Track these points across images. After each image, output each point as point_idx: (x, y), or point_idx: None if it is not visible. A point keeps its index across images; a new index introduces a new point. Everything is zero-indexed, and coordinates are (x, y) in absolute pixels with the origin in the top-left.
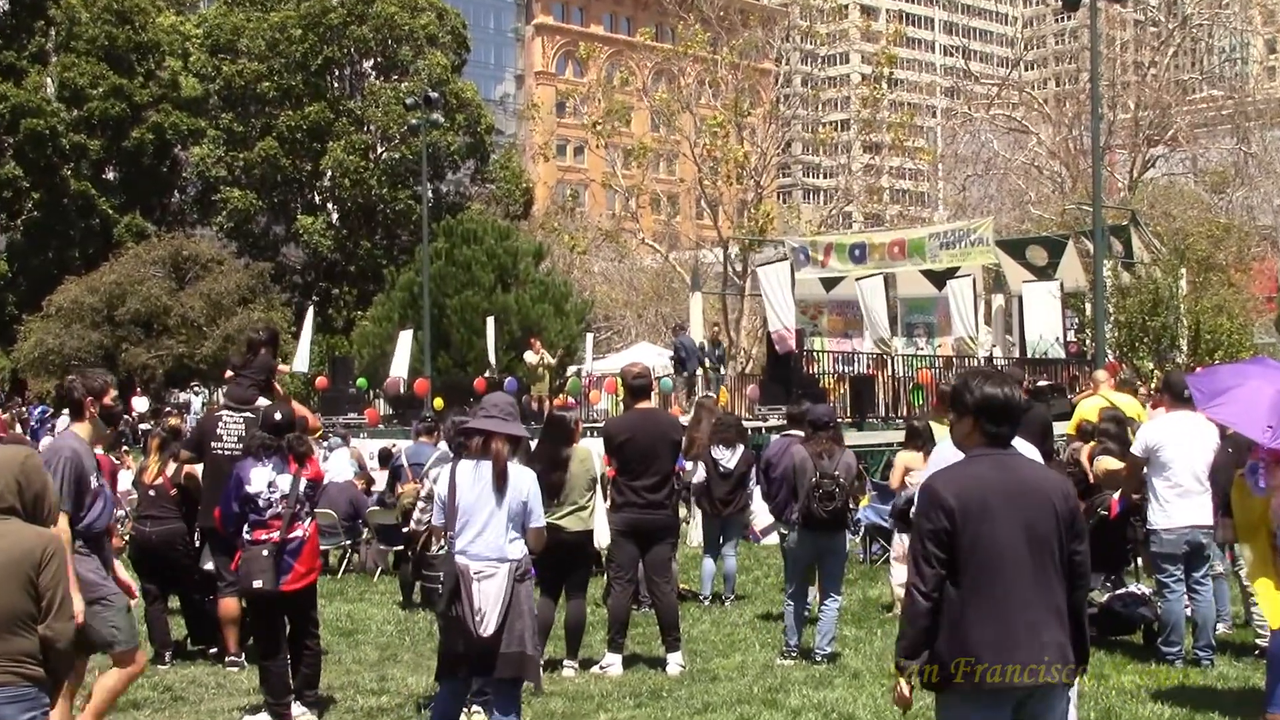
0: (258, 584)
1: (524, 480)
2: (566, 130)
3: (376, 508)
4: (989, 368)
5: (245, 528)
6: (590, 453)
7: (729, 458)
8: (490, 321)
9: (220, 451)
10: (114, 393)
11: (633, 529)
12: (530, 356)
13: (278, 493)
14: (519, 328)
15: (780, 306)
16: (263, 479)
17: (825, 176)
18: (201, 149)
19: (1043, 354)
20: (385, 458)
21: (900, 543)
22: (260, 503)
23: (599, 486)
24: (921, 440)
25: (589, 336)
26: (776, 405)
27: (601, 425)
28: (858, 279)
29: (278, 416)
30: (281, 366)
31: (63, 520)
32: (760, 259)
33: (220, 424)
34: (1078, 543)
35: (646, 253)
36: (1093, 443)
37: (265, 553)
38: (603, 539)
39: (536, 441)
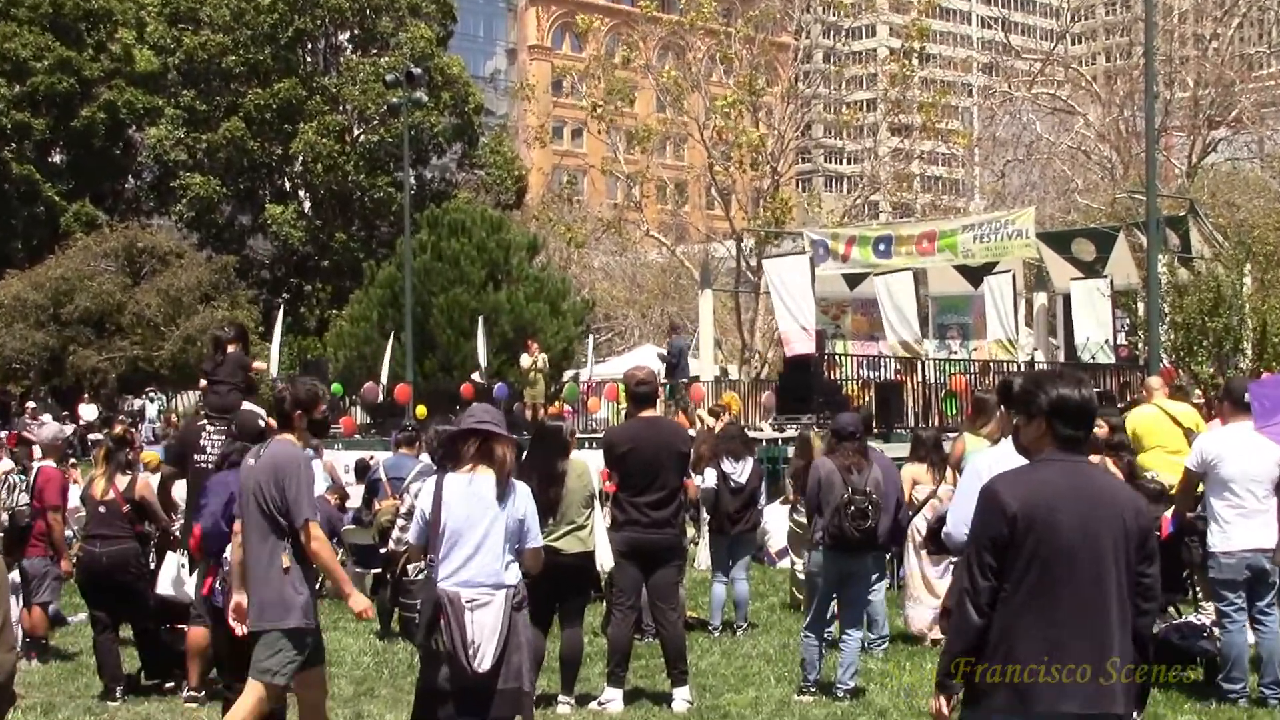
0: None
1: (520, 495)
2: (563, 111)
3: (352, 526)
4: (1061, 368)
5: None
6: (587, 466)
7: (739, 471)
8: (480, 322)
9: (205, 465)
10: (324, 406)
11: (635, 550)
12: (525, 360)
13: None
14: (511, 329)
15: (797, 305)
16: None
17: (849, 162)
18: (158, 130)
19: (1090, 358)
20: (362, 471)
21: (918, 569)
22: None
23: (598, 503)
24: (925, 450)
25: (590, 339)
26: (794, 415)
27: (602, 435)
28: (880, 275)
29: (260, 424)
30: (257, 364)
31: (314, 528)
32: (776, 253)
33: (204, 435)
34: (1147, 564)
35: (651, 246)
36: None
37: None
38: (605, 561)
39: (526, 454)
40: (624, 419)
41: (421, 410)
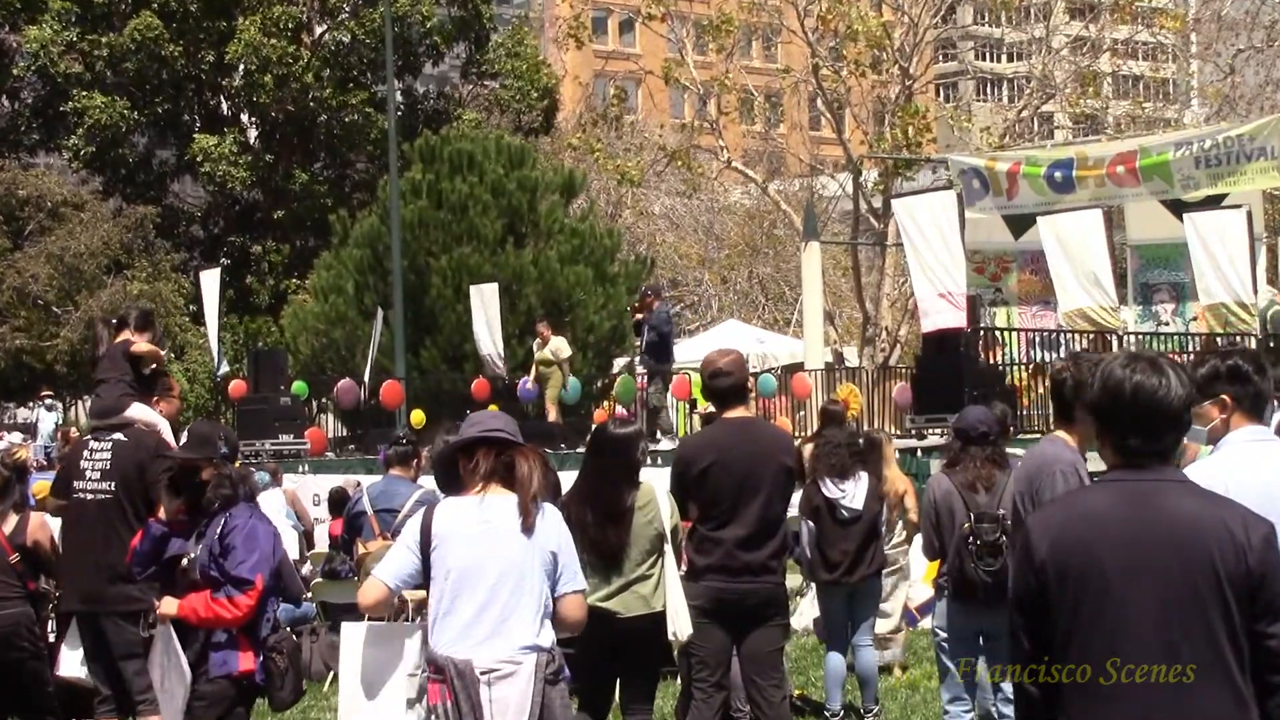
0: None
1: (550, 521)
2: None
3: (322, 579)
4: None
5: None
6: (654, 492)
7: (850, 494)
8: (487, 291)
9: (84, 494)
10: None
11: (721, 607)
12: (537, 350)
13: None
14: (539, 301)
15: (939, 260)
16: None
17: (1011, 59)
18: (41, 31)
19: None
20: (338, 502)
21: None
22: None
23: (668, 545)
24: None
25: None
26: (938, 415)
27: (670, 449)
28: (1057, 216)
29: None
30: (138, 346)
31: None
32: (910, 189)
33: (85, 455)
34: (1270, 622)
35: (734, 183)
36: None
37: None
38: (681, 626)
39: (579, 477)
40: (699, 425)
41: (418, 417)
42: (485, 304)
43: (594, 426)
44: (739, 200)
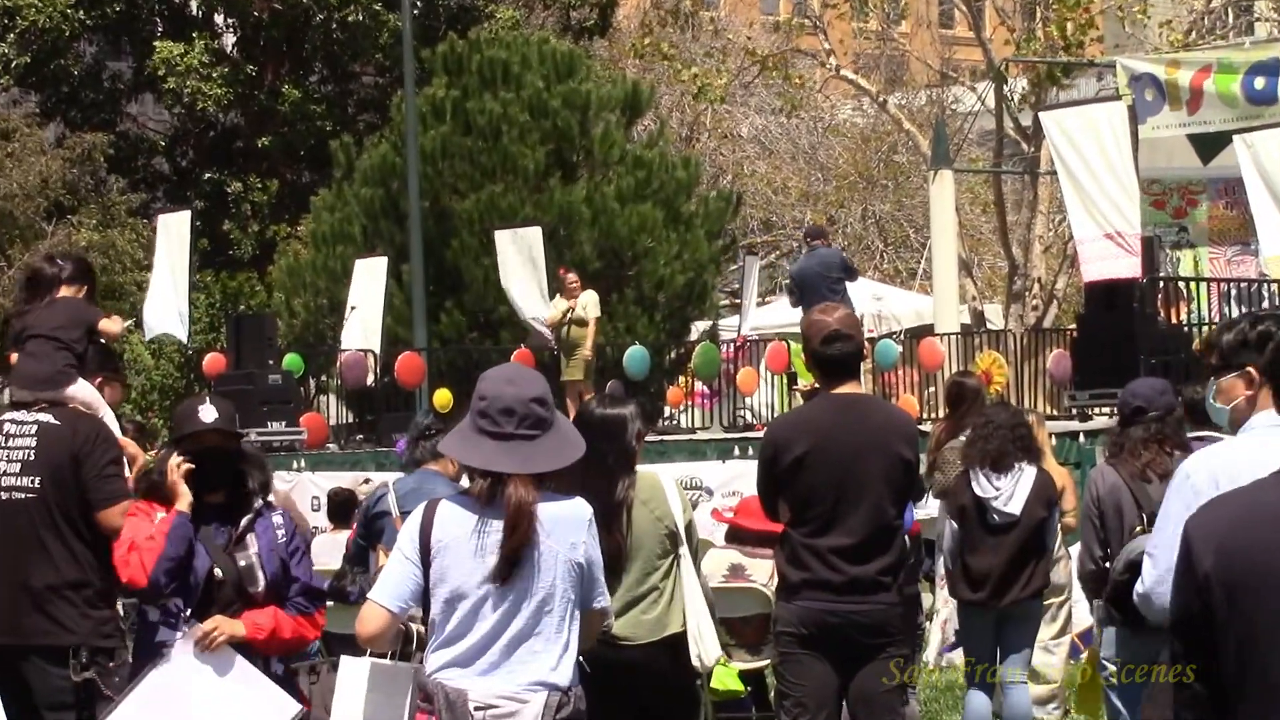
0: None
1: (577, 518)
2: None
3: (330, 603)
4: None
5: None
6: (660, 485)
7: (1006, 492)
8: (527, 238)
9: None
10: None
11: (821, 633)
12: (557, 305)
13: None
14: (594, 251)
15: (1104, 191)
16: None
17: None
18: None
19: None
20: (342, 507)
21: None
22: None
23: (684, 550)
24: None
25: (743, 264)
26: (1106, 390)
27: (759, 435)
28: (1255, 134)
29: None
30: (107, 324)
31: None
32: (1066, 101)
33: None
34: None
35: (843, 96)
36: None
37: None
38: (708, 650)
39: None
40: (799, 402)
41: (443, 397)
42: (526, 253)
43: (581, 406)
44: (849, 119)
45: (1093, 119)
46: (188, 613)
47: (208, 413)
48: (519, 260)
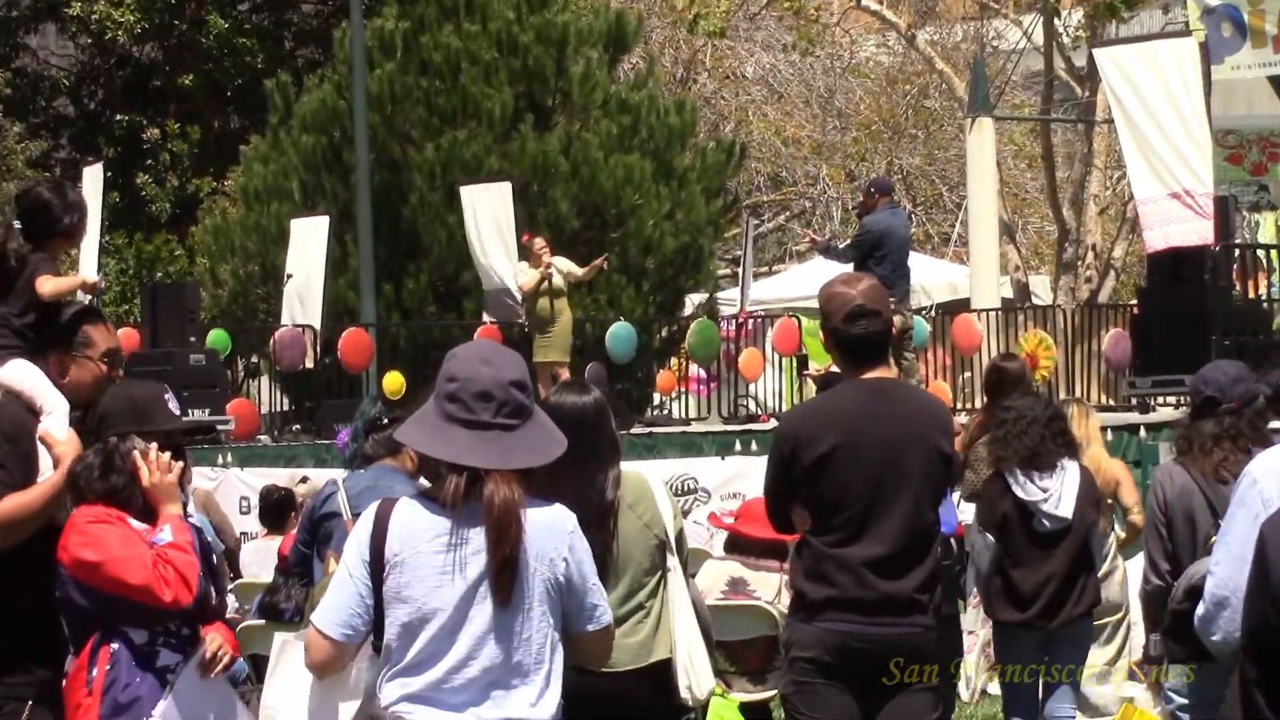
0: None
1: (563, 528)
2: None
3: (255, 621)
4: None
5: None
6: (648, 487)
7: (1054, 494)
8: (492, 196)
9: None
10: None
11: (846, 660)
12: (526, 273)
13: None
14: (573, 208)
15: (1167, 144)
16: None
17: None
18: None
19: None
20: (276, 509)
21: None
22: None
23: (675, 560)
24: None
25: (746, 226)
26: (1172, 376)
27: (769, 426)
28: None
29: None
30: (80, 277)
31: None
32: (1124, 37)
33: None
34: None
35: (865, 30)
36: None
37: None
38: (700, 680)
39: (539, 471)
40: (815, 392)
41: (394, 381)
42: (491, 213)
43: (548, 395)
44: (872, 57)
45: (1158, 58)
46: (185, 632)
47: (175, 405)
48: (483, 220)
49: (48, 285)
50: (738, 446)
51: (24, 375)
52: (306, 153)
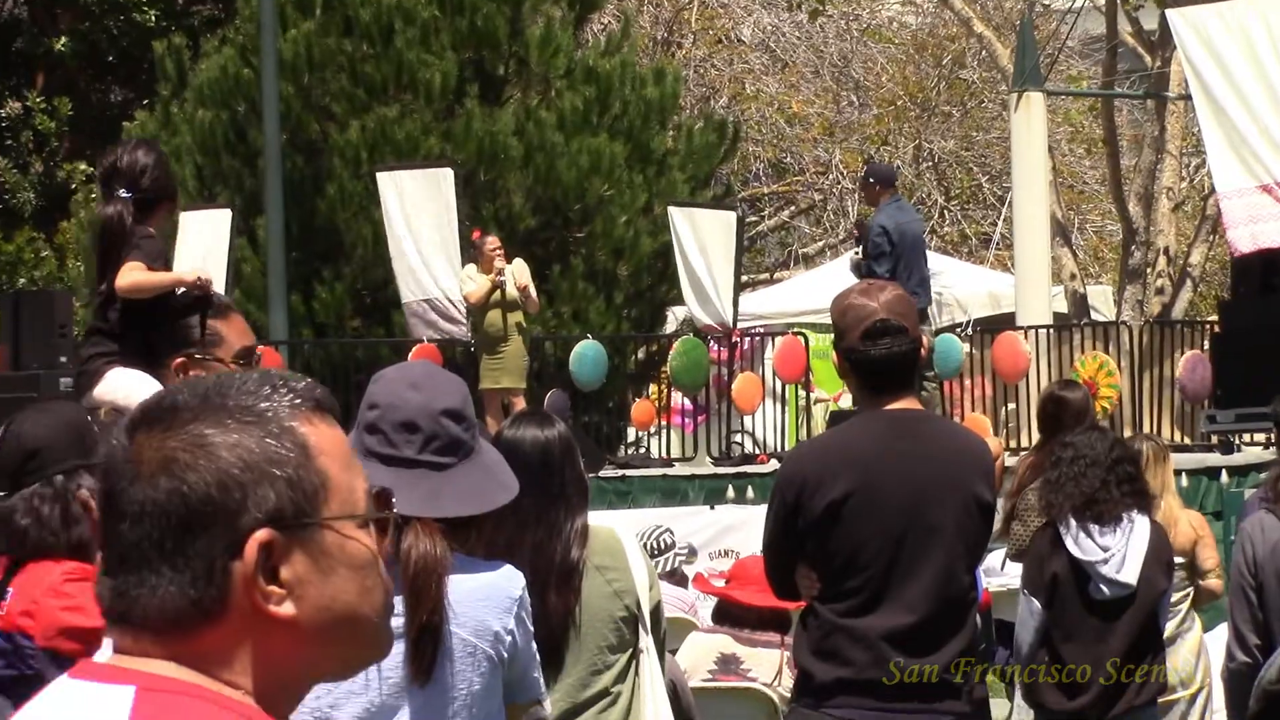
0: None
1: (498, 592)
2: None
3: None
4: None
5: None
6: (620, 545)
7: (1117, 553)
8: (432, 179)
9: None
10: None
11: None
12: (474, 281)
13: None
14: (528, 200)
15: (1258, 126)
16: None
17: None
18: None
19: None
20: None
21: None
22: None
23: (647, 638)
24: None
25: (742, 221)
26: (1258, 409)
27: (769, 468)
28: None
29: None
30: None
31: None
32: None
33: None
34: None
35: None
36: None
37: None
38: None
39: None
40: (826, 425)
41: None
42: (424, 205)
43: (502, 429)
44: (897, 18)
45: (1244, 21)
46: None
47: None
48: (411, 211)
49: (126, 279)
50: (730, 493)
51: (125, 386)
52: (204, 131)
